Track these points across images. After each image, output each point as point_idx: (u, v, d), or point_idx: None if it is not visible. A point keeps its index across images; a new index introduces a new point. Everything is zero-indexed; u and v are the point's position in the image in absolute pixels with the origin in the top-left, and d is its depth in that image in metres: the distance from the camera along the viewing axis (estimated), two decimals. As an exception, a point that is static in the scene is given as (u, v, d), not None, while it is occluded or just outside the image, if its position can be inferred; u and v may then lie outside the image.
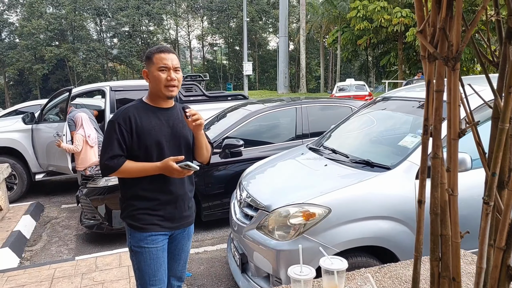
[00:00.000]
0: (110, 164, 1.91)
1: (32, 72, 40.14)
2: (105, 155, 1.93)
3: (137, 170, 1.94)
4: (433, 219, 1.15)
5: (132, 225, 2.01)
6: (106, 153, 1.93)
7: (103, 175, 2.02)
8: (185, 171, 1.90)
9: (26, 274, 3.51)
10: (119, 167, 1.91)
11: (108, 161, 1.91)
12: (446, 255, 1.16)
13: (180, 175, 1.92)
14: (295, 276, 1.45)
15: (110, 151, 1.91)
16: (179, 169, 1.88)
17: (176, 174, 1.91)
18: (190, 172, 1.95)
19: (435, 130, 1.11)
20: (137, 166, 1.95)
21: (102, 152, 1.95)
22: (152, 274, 2.01)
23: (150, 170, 1.94)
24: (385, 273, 1.68)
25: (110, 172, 1.94)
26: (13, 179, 6.25)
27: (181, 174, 1.91)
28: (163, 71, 1.95)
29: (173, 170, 1.88)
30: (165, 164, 1.89)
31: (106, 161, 1.92)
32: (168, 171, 1.90)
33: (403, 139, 3.06)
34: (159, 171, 1.92)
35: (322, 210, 2.59)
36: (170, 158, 1.90)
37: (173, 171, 1.89)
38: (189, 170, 1.91)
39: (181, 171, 1.89)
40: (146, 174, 1.95)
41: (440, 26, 1.02)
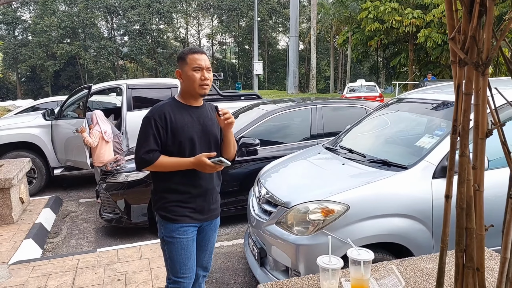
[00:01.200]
0: (146, 158, 2.02)
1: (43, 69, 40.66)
2: (141, 149, 2.03)
3: (171, 164, 2.05)
4: (459, 213, 1.24)
5: (164, 216, 2.12)
6: (142, 148, 2.03)
7: (138, 169, 2.12)
8: (217, 167, 2.00)
9: (50, 264, 3.64)
10: (154, 161, 2.02)
11: (145, 155, 2.02)
12: (470, 247, 1.24)
13: (212, 170, 2.03)
14: (324, 265, 1.55)
15: (146, 146, 2.02)
16: (212, 165, 1.98)
17: (208, 169, 2.01)
18: (221, 167, 2.05)
19: (463, 130, 1.20)
20: (172, 161, 2.05)
21: (138, 147, 2.06)
22: (183, 263, 2.12)
23: (183, 165, 2.04)
24: (407, 265, 1.76)
25: (145, 166, 2.04)
26: (33, 173, 6.41)
27: (213, 169, 2.02)
28: (197, 71, 2.06)
29: (205, 165, 1.99)
30: (198, 160, 2.00)
31: (142, 155, 2.02)
32: (201, 166, 2.01)
33: (420, 140, 3.13)
34: (192, 166, 2.03)
35: (341, 207, 2.67)
36: (203, 154, 2.00)
37: (206, 166, 1.99)
38: (221, 165, 2.00)
39: (213, 166, 1.99)
40: (180, 169, 2.06)
41: (471, 34, 1.11)
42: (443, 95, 3.83)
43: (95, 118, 5.76)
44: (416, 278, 1.65)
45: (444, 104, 3.48)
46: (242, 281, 3.56)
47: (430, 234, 2.72)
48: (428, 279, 1.63)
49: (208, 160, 1.98)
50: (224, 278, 3.62)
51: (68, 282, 3.29)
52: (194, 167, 2.03)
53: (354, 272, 1.54)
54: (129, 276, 3.38)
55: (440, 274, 1.31)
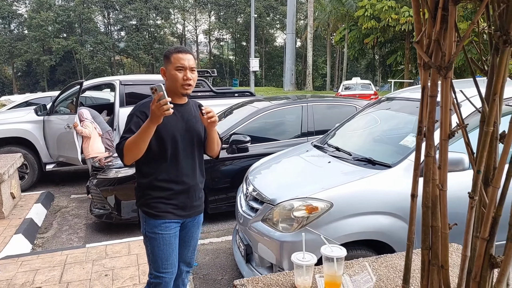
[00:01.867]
0: (119, 147, 2.02)
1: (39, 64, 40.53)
2: (118, 142, 2.05)
3: (138, 136, 1.95)
4: (425, 212, 1.28)
5: (147, 212, 2.15)
6: (119, 140, 2.05)
7: (121, 161, 2.09)
8: (161, 104, 1.85)
9: (39, 259, 3.67)
10: (123, 145, 1.99)
11: (118, 144, 2.05)
12: (435, 245, 1.28)
13: (163, 109, 1.85)
14: (298, 261, 1.58)
15: (123, 138, 2.03)
16: (153, 101, 1.86)
17: (156, 110, 1.85)
18: (166, 101, 1.86)
19: (428, 131, 1.23)
20: (135, 134, 1.97)
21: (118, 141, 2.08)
22: (165, 259, 2.15)
23: (143, 129, 1.93)
24: (381, 262, 1.80)
25: (120, 154, 2.01)
26: (25, 168, 6.42)
27: (160, 108, 1.85)
28: (180, 70, 2.08)
29: (152, 110, 1.86)
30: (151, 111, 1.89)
31: (117, 145, 2.05)
32: (153, 113, 1.88)
33: (404, 139, 3.17)
34: (151, 123, 1.91)
35: (325, 204, 2.71)
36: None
37: (153, 110, 1.86)
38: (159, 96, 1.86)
39: (158, 106, 1.84)
40: (145, 134, 1.94)
41: (435, 38, 1.14)
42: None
43: (82, 115, 5.98)
44: (389, 274, 1.69)
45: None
46: (229, 277, 3.60)
47: (412, 231, 2.75)
48: (401, 275, 1.67)
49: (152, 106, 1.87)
50: (212, 274, 3.66)
51: (55, 277, 3.31)
52: (152, 121, 1.90)
53: (327, 269, 1.57)
54: (117, 271, 3.40)
55: (407, 271, 1.35)
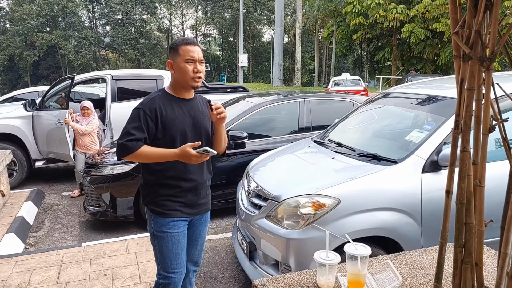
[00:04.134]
0: (128, 145, 1.93)
1: (22, 58, 39.57)
2: (125, 137, 1.95)
3: (155, 155, 1.96)
4: (459, 208, 1.23)
5: (154, 210, 2.08)
6: (126, 135, 1.96)
7: (118, 156, 2.01)
8: (203, 156, 1.91)
9: (34, 259, 3.55)
10: (136, 150, 1.93)
11: (127, 142, 1.94)
12: (469, 242, 1.24)
13: (198, 161, 1.93)
14: (321, 260, 1.53)
15: (131, 134, 1.95)
16: (197, 155, 1.88)
17: (194, 160, 1.91)
18: (207, 157, 1.95)
19: (465, 126, 1.19)
20: (155, 151, 1.96)
21: (121, 135, 1.98)
22: (174, 258, 2.08)
23: (168, 156, 1.96)
24: (401, 260, 1.77)
25: (126, 154, 1.95)
26: (13, 165, 6.24)
27: (199, 159, 1.92)
28: (190, 63, 2.01)
29: (191, 156, 1.89)
30: (183, 150, 1.90)
31: (125, 141, 1.94)
32: (186, 157, 1.91)
33: (409, 134, 3.15)
34: (177, 157, 1.94)
35: (332, 201, 2.67)
36: (187, 145, 1.91)
37: (191, 157, 1.89)
38: (207, 155, 1.92)
39: (199, 156, 1.89)
40: (164, 160, 1.97)
41: (476, 29, 1.10)
42: (428, 89, 3.87)
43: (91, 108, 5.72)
44: (411, 272, 1.66)
45: (430, 99, 3.51)
46: (230, 275, 3.54)
47: (419, 227, 2.74)
48: (423, 273, 1.64)
49: (193, 151, 1.89)
50: (212, 272, 3.60)
51: (53, 278, 3.21)
52: (178, 158, 1.94)
53: (350, 267, 1.53)
54: (116, 270, 3.32)
55: (439, 269, 1.31)
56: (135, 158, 2.00)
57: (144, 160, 2.02)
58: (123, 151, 1.97)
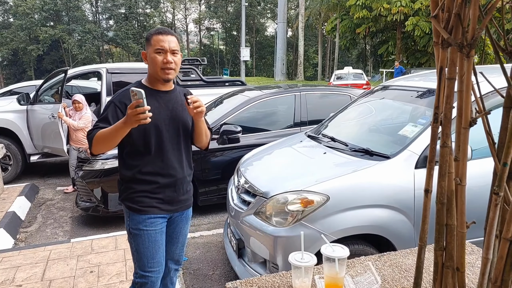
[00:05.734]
0: (89, 136, 1.89)
1: (26, 53, 39.57)
2: (90, 130, 1.91)
3: (108, 131, 1.82)
4: (439, 209, 1.14)
5: (131, 207, 1.99)
6: (92, 128, 1.91)
7: (90, 151, 1.95)
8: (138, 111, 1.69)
9: (21, 255, 3.49)
10: (93, 136, 1.84)
11: (89, 133, 1.90)
12: (450, 245, 1.15)
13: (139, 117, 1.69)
14: (296, 262, 1.44)
15: (95, 127, 1.89)
16: (131, 106, 1.70)
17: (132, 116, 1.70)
18: (144, 109, 1.69)
19: (445, 119, 1.09)
20: (108, 128, 1.84)
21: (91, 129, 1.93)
22: (151, 257, 2.00)
23: (118, 126, 1.79)
24: (385, 261, 1.67)
25: (90, 144, 1.88)
26: (8, 160, 6.19)
27: (135, 115, 1.69)
28: (159, 53, 1.91)
29: (128, 115, 1.72)
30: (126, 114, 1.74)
31: (87, 133, 1.91)
32: (127, 117, 1.73)
33: (403, 128, 3.04)
34: (124, 125, 1.77)
35: (321, 198, 2.58)
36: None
37: (130, 114, 1.71)
38: (138, 101, 1.69)
39: (134, 111, 1.69)
40: (118, 133, 1.81)
41: (456, 12, 0.99)
42: (429, 82, 3.74)
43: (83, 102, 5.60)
44: (394, 275, 1.56)
45: (430, 92, 3.39)
46: (220, 272, 3.47)
47: (412, 225, 2.65)
48: (407, 276, 1.55)
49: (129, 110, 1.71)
50: (202, 269, 3.52)
51: (37, 275, 3.15)
52: (126, 124, 1.76)
53: (328, 270, 1.44)
54: (103, 267, 3.25)
55: (418, 274, 1.22)
56: (98, 145, 1.87)
57: (105, 142, 1.86)
58: (89, 143, 1.91)
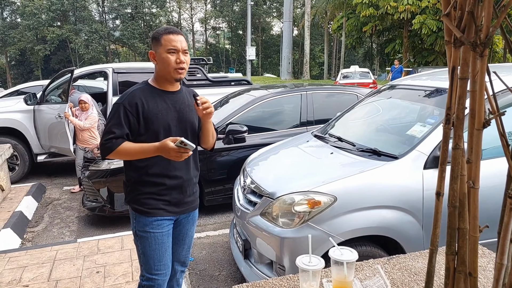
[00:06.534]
0: (107, 145, 1.86)
1: (33, 53, 39.86)
2: (105, 136, 1.88)
3: (135, 150, 1.87)
4: (451, 212, 1.11)
5: (137, 209, 1.98)
6: (106, 134, 1.88)
7: (102, 157, 1.94)
8: (182, 151, 1.77)
9: (27, 255, 3.50)
10: (115, 148, 1.85)
11: (106, 141, 1.86)
12: (462, 249, 1.12)
13: (178, 157, 1.79)
14: (304, 266, 1.42)
15: (111, 133, 1.87)
16: (176, 149, 1.76)
17: (173, 155, 1.78)
18: (188, 154, 1.81)
19: (458, 120, 1.06)
20: (135, 147, 1.87)
21: (103, 134, 1.91)
22: (157, 259, 1.99)
23: (148, 150, 1.85)
24: (394, 264, 1.64)
25: (107, 153, 1.87)
26: (15, 159, 6.23)
27: (177, 155, 1.78)
28: (172, 53, 1.90)
29: (170, 149, 1.77)
30: (162, 143, 1.79)
31: (104, 140, 1.87)
32: (166, 151, 1.79)
33: (411, 128, 3.00)
34: (157, 152, 1.83)
35: (328, 199, 2.55)
36: (168, 138, 1.80)
37: (170, 150, 1.77)
38: (186, 150, 1.78)
39: (177, 150, 1.76)
40: (145, 155, 1.88)
41: (469, 9, 0.96)
42: (437, 81, 3.69)
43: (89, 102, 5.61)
44: (403, 278, 1.53)
45: (438, 91, 3.34)
46: (226, 273, 3.45)
47: (420, 226, 2.61)
48: (416, 279, 1.52)
49: (172, 144, 1.77)
50: (209, 269, 3.51)
51: (44, 275, 3.15)
52: (159, 153, 1.83)
53: (336, 273, 1.41)
54: (109, 268, 3.25)
55: (429, 279, 1.19)
56: (117, 156, 1.91)
57: (126, 157, 1.94)
58: (104, 151, 1.90)
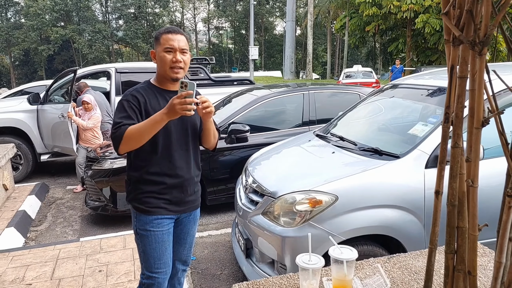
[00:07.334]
0: (116, 134, 1.82)
1: (37, 53, 40.05)
2: (113, 127, 1.85)
3: (144, 126, 1.80)
4: (450, 211, 1.11)
5: (138, 208, 1.99)
6: (114, 126, 1.85)
7: (116, 150, 1.89)
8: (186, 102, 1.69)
9: (31, 254, 3.52)
10: (123, 132, 1.80)
11: (115, 130, 1.83)
12: (462, 248, 1.12)
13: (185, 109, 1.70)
14: (304, 264, 1.42)
15: (118, 123, 1.84)
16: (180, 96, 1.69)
17: (179, 106, 1.69)
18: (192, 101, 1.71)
19: (457, 118, 1.06)
20: (143, 122, 1.82)
21: (112, 128, 1.89)
22: (158, 258, 2.00)
23: (157, 119, 1.77)
24: (394, 263, 1.64)
25: (118, 142, 1.82)
26: (19, 159, 6.26)
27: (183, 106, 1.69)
28: (169, 52, 1.90)
29: (174, 104, 1.70)
30: (168, 104, 1.73)
31: (113, 130, 1.84)
32: (172, 108, 1.72)
33: (413, 127, 3.00)
34: (165, 114, 1.75)
35: (329, 198, 2.55)
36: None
37: (175, 105, 1.70)
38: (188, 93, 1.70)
39: (181, 101, 1.69)
40: (155, 126, 1.79)
41: (468, 8, 0.96)
42: (439, 80, 3.68)
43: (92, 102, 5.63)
44: (403, 277, 1.53)
45: (440, 90, 3.33)
46: (228, 272, 3.46)
47: (422, 226, 2.61)
48: (417, 278, 1.52)
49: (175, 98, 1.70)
50: (210, 269, 3.51)
51: (47, 273, 3.17)
52: (168, 116, 1.75)
53: (336, 272, 1.41)
54: (111, 267, 3.26)
55: (428, 278, 1.19)
56: (129, 142, 1.83)
57: (138, 138, 1.83)
58: (115, 141, 1.84)
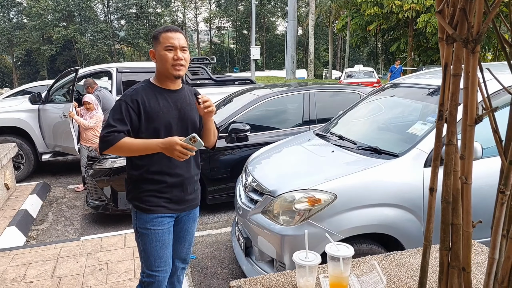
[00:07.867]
0: (108, 137, 1.84)
1: (39, 53, 40.14)
2: (105, 129, 1.87)
3: (137, 146, 1.86)
4: (445, 208, 1.12)
5: (138, 206, 2.00)
6: (107, 127, 1.87)
7: (100, 150, 1.92)
8: (188, 148, 1.78)
9: (32, 252, 3.54)
10: (116, 142, 1.84)
11: (107, 134, 1.85)
12: (456, 245, 1.13)
13: (180, 156, 1.80)
14: (300, 261, 1.43)
15: (112, 126, 1.86)
16: (183, 145, 1.77)
17: (177, 153, 1.78)
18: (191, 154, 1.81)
19: (451, 116, 1.07)
20: (137, 142, 1.87)
21: (103, 127, 1.91)
22: (158, 256, 2.01)
23: (151, 147, 1.84)
24: (391, 261, 1.65)
25: (107, 146, 1.86)
26: (20, 158, 6.28)
27: (181, 154, 1.79)
28: (169, 50, 1.92)
29: (176, 146, 1.77)
30: (170, 140, 1.79)
31: (105, 133, 1.86)
32: (171, 147, 1.78)
33: (412, 126, 3.01)
34: (161, 148, 1.82)
35: (328, 196, 2.56)
36: (175, 137, 1.82)
37: (176, 147, 1.77)
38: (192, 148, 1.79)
39: (184, 147, 1.77)
40: (147, 152, 1.87)
41: (461, 6, 0.97)
42: (440, 80, 3.68)
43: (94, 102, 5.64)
44: (400, 274, 1.54)
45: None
46: (228, 271, 3.47)
47: (421, 224, 2.62)
48: (413, 275, 1.53)
49: (179, 140, 1.77)
50: (211, 267, 3.53)
51: (48, 272, 3.19)
52: (162, 149, 1.83)
53: (332, 269, 1.43)
54: (112, 265, 3.28)
55: (423, 274, 1.20)
56: (117, 151, 1.91)
57: (127, 153, 1.94)
58: (104, 144, 1.88)
